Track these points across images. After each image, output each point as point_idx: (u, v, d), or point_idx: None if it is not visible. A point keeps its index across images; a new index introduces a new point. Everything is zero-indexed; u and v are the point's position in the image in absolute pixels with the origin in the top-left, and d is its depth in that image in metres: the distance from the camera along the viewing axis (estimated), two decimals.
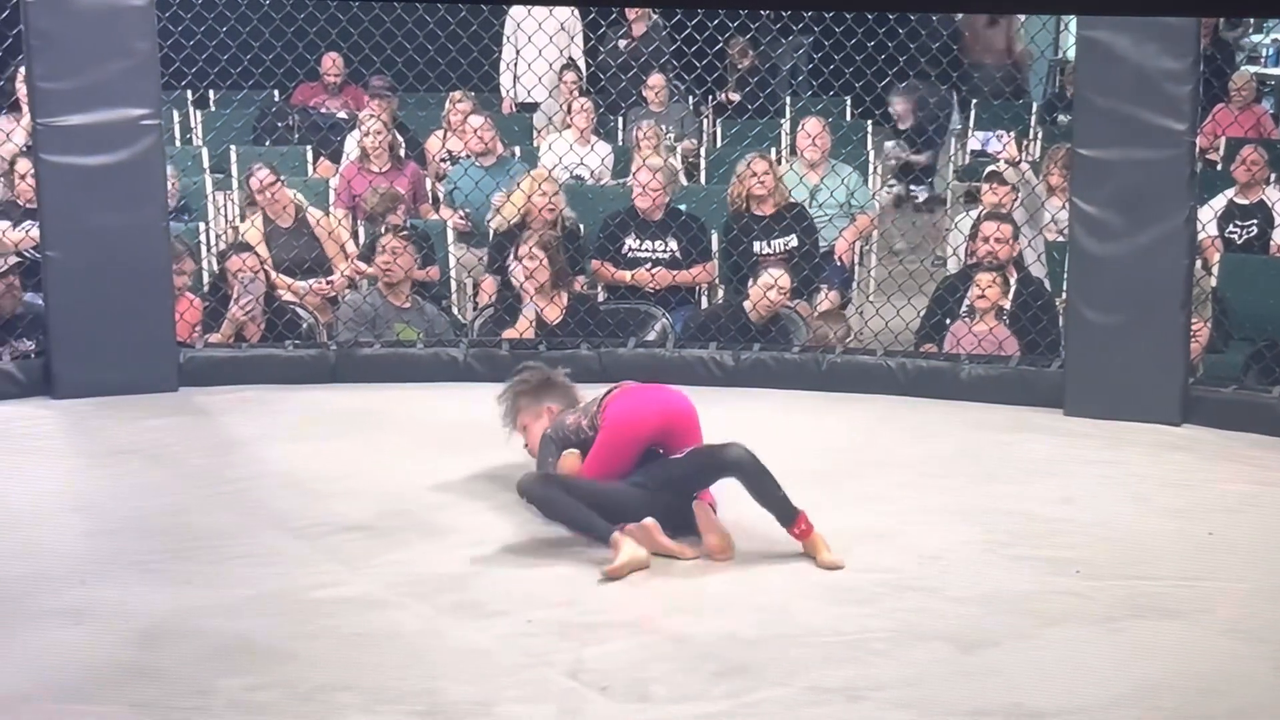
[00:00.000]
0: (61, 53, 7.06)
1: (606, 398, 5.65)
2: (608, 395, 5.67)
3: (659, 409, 5.60)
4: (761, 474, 5.37)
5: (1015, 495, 6.04)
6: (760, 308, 7.92)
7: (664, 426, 5.55)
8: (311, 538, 5.57)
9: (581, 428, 5.64)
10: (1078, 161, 7.03)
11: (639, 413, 5.57)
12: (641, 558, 5.24)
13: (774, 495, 5.36)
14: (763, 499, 5.37)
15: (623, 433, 5.52)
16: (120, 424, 6.89)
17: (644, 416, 5.56)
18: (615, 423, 5.53)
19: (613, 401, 5.61)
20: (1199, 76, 6.87)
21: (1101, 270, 6.96)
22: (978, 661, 4.64)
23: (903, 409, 7.25)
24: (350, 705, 4.33)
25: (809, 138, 9.36)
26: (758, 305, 7.92)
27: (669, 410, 5.61)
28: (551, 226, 8.39)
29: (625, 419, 5.54)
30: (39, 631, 4.78)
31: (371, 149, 9.50)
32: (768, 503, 5.37)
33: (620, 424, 5.53)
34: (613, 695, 4.40)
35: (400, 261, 7.96)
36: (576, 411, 5.76)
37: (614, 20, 11.66)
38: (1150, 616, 4.95)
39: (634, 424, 5.54)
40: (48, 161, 7.16)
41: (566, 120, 10.45)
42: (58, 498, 5.99)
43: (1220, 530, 5.69)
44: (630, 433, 5.53)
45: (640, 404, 5.61)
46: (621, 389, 5.72)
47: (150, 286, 7.30)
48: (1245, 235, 8.97)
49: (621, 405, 5.58)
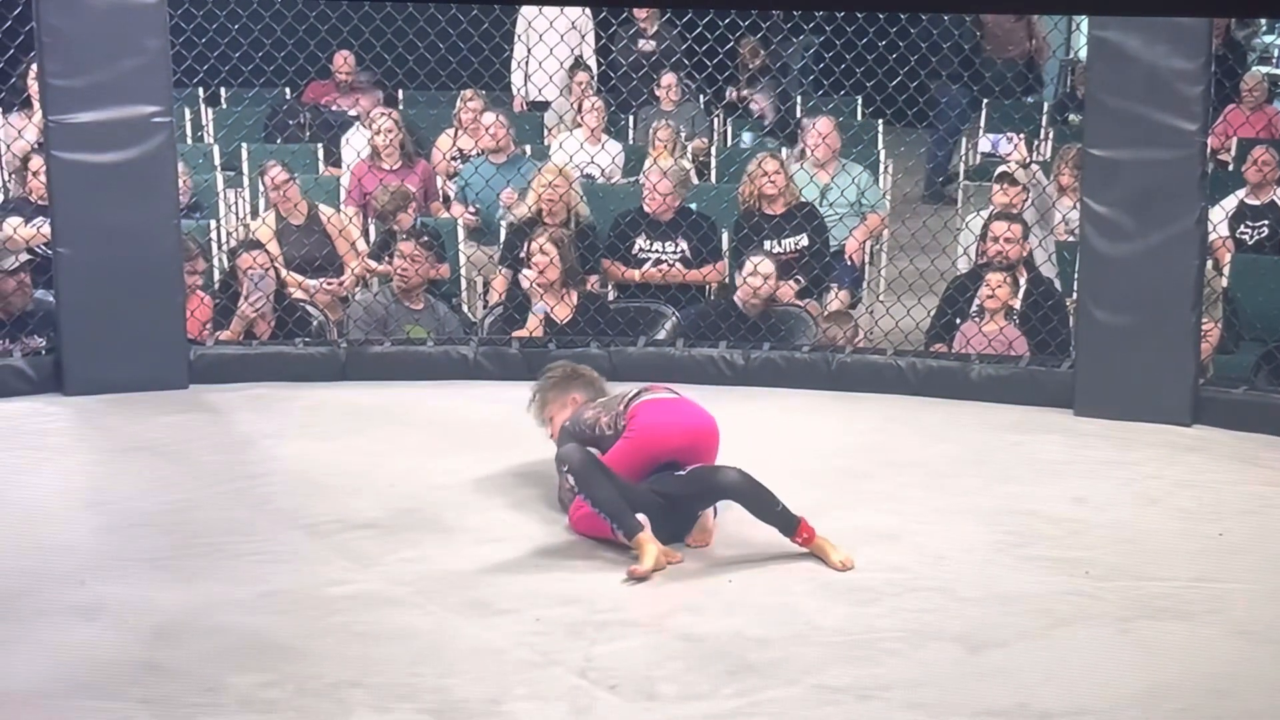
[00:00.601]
0: (73, 50, 7.06)
1: (634, 403, 5.57)
2: (635, 400, 5.59)
3: (687, 428, 5.56)
4: (757, 494, 5.37)
5: (1025, 495, 6.04)
6: (746, 296, 7.92)
7: (688, 446, 5.52)
8: (322, 535, 5.58)
9: (601, 425, 5.60)
10: (1089, 161, 7.03)
11: (668, 429, 5.52)
12: (663, 561, 5.25)
13: (772, 511, 5.36)
14: (762, 516, 5.38)
15: (647, 447, 5.49)
16: (131, 421, 6.90)
17: (671, 434, 5.52)
18: (642, 434, 5.49)
19: (641, 409, 5.55)
20: (1210, 77, 6.86)
21: (1112, 270, 6.96)
22: (986, 662, 4.64)
23: (912, 409, 7.25)
24: (361, 702, 4.34)
25: (819, 137, 9.36)
26: (746, 298, 7.93)
27: (696, 431, 5.56)
28: (565, 223, 8.40)
29: (652, 433, 5.49)
30: (50, 627, 4.79)
31: (382, 147, 9.50)
32: (768, 519, 5.37)
33: (647, 437, 5.49)
34: (622, 694, 4.41)
35: (418, 269, 7.98)
36: (598, 406, 5.71)
37: (625, 19, 11.65)
38: (1160, 618, 4.95)
39: (660, 440, 5.50)
40: (59, 158, 7.17)
41: (577, 119, 10.45)
42: (69, 494, 6.01)
43: (1230, 531, 5.69)
44: (654, 448, 5.50)
45: (669, 420, 5.56)
46: (651, 396, 5.64)
47: (161, 284, 7.30)
48: (1256, 236, 8.96)
49: (651, 418, 5.52)
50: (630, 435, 5.50)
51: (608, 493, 5.34)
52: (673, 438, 5.51)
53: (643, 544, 5.24)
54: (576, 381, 5.92)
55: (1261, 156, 9.02)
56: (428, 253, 8.12)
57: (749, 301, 7.95)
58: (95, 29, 7.06)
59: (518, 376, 7.50)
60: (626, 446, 5.49)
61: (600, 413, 5.65)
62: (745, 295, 7.95)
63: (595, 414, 5.65)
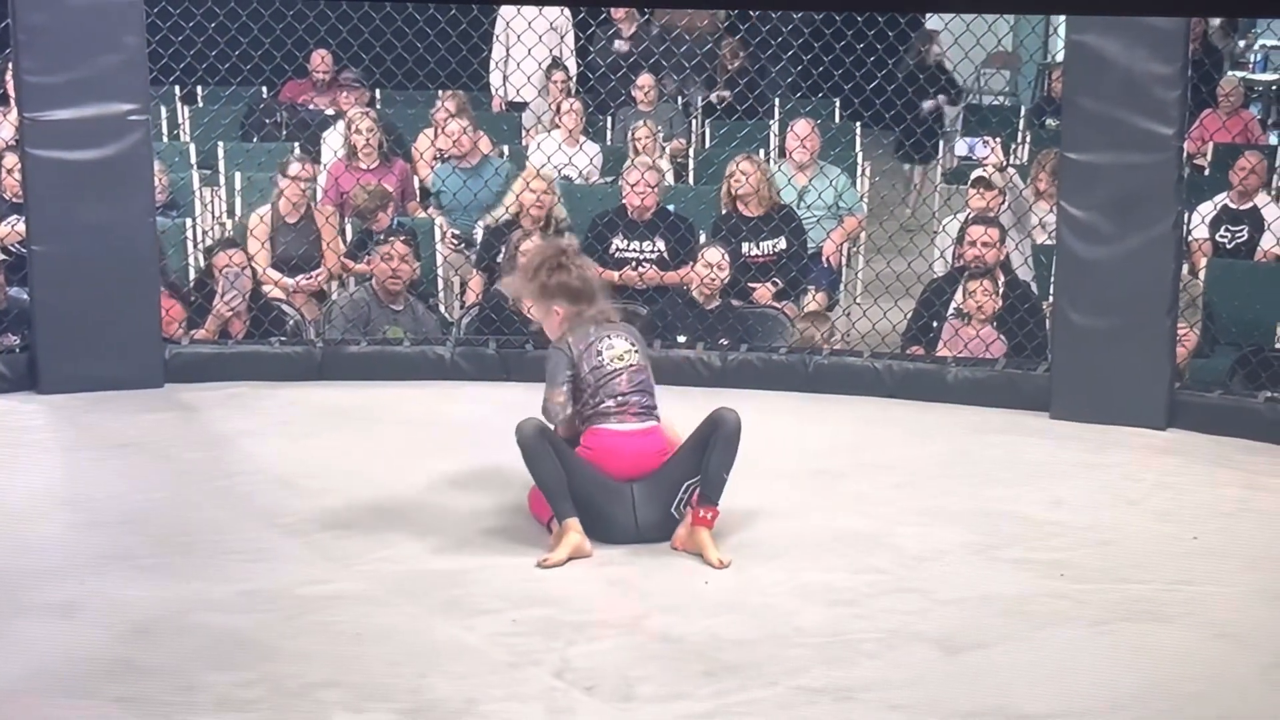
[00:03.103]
0: (50, 47, 7.03)
1: (599, 405, 5.47)
2: (599, 402, 5.47)
3: (633, 466, 5.50)
4: (731, 443, 5.38)
5: (1004, 498, 6.05)
6: (698, 286, 7.98)
7: (633, 476, 5.50)
8: (299, 534, 5.57)
9: (583, 362, 5.48)
10: (1066, 165, 7.04)
11: (617, 465, 5.48)
12: (585, 548, 5.30)
13: (718, 469, 5.37)
14: (712, 464, 5.37)
15: (597, 463, 5.47)
16: (106, 419, 6.87)
17: (619, 468, 5.48)
18: (596, 456, 5.47)
19: (601, 435, 5.47)
20: (1187, 81, 6.88)
21: (1089, 274, 6.97)
22: (966, 663, 4.64)
23: (889, 411, 7.26)
24: (337, 702, 4.32)
25: (798, 139, 9.36)
26: (699, 289, 7.98)
27: (641, 468, 5.51)
28: (544, 225, 8.39)
29: (603, 460, 5.47)
30: (26, 626, 4.77)
31: (360, 146, 9.49)
32: (709, 470, 5.38)
33: (599, 459, 5.47)
34: (599, 695, 4.40)
35: (403, 268, 7.97)
36: (592, 337, 5.51)
37: (604, 20, 11.65)
38: (1137, 620, 4.96)
39: (610, 468, 5.48)
40: (35, 156, 7.13)
41: (555, 120, 10.45)
42: (45, 492, 5.98)
43: (1207, 535, 5.70)
44: (605, 469, 5.48)
45: (618, 460, 5.48)
46: (610, 423, 5.48)
47: (137, 282, 7.27)
48: (1235, 240, 8.99)
49: (605, 446, 5.47)
50: (586, 449, 5.49)
51: (549, 473, 5.35)
52: (621, 471, 5.48)
53: (567, 530, 5.29)
54: (559, 289, 5.58)
55: (1250, 164, 9.01)
56: (409, 250, 8.08)
57: (702, 292, 7.98)
58: (72, 26, 7.04)
59: (494, 377, 7.52)
60: (582, 453, 5.50)
61: (582, 349, 5.49)
62: (695, 284, 8.00)
63: (590, 345, 5.49)
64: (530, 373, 7.12)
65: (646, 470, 5.50)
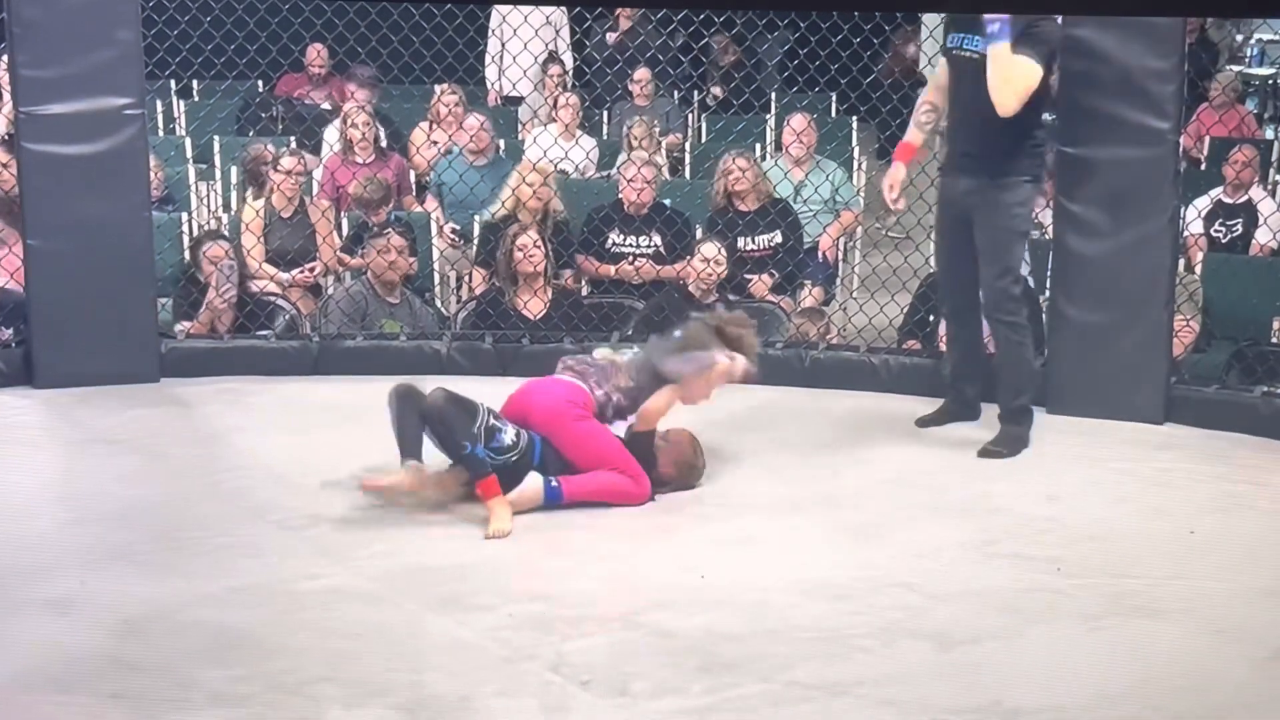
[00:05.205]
0: (45, 41, 7.02)
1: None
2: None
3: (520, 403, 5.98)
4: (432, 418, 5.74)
5: (998, 493, 6.05)
6: (696, 281, 7.99)
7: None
8: (294, 530, 5.56)
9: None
10: (1062, 160, 7.03)
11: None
12: (406, 483, 5.59)
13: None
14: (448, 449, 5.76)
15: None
16: (102, 414, 6.87)
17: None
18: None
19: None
20: (1184, 76, 6.87)
21: (1085, 269, 6.97)
22: (959, 659, 4.64)
23: (886, 405, 7.25)
24: (332, 698, 4.32)
25: (794, 134, 9.36)
26: (696, 283, 7.99)
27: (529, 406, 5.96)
28: (541, 219, 8.39)
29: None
30: (19, 622, 4.76)
31: (357, 141, 9.48)
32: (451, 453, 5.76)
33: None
34: (594, 690, 4.40)
35: (399, 262, 7.96)
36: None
37: (600, 14, 11.64)
38: (1132, 615, 4.96)
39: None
40: (30, 150, 7.13)
41: (551, 114, 10.43)
42: (39, 488, 5.98)
43: (1202, 529, 5.70)
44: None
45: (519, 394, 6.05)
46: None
47: (132, 276, 7.27)
48: (1230, 234, 8.99)
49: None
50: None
51: (403, 421, 5.70)
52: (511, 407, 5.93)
53: (402, 470, 5.60)
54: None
55: (1245, 157, 9.01)
56: (407, 242, 8.09)
57: (699, 287, 7.98)
58: (67, 20, 7.03)
59: (490, 372, 7.51)
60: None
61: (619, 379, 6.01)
62: (692, 279, 7.99)
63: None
64: (526, 368, 7.13)
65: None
